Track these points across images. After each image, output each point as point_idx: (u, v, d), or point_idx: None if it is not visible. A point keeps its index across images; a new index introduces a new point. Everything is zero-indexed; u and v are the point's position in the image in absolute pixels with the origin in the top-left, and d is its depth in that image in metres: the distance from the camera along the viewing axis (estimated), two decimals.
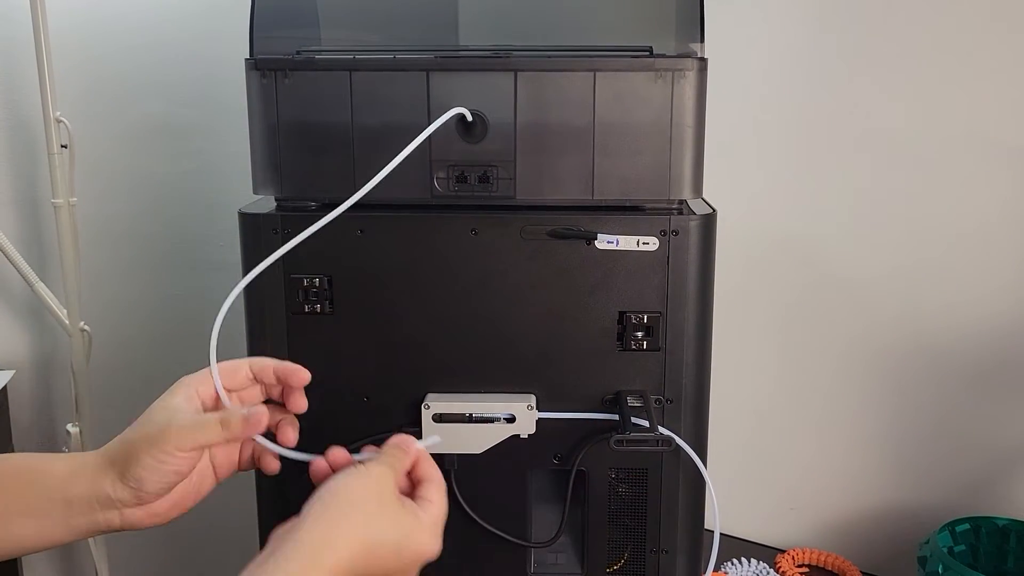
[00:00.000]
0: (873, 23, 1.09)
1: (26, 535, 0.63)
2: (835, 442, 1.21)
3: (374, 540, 0.58)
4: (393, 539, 0.59)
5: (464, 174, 0.76)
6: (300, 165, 0.76)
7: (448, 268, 0.76)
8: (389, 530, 0.59)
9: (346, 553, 0.56)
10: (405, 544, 0.60)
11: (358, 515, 0.59)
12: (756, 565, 1.16)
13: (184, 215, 1.32)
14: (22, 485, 0.64)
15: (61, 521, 0.63)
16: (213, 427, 0.63)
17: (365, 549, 0.58)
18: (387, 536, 0.59)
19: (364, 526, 0.58)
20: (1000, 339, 1.10)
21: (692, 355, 0.78)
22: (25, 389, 1.32)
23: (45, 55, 1.15)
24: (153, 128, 1.29)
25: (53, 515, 0.63)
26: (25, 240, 1.28)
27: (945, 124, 1.09)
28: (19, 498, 0.63)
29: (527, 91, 0.75)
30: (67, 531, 0.63)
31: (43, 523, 0.63)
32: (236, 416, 0.63)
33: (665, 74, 0.74)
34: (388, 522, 0.60)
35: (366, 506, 0.59)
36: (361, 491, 0.60)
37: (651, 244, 0.75)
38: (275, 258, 0.69)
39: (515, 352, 0.77)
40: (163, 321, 1.34)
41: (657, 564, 0.81)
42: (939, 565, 0.96)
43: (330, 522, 0.57)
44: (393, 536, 0.59)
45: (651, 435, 0.73)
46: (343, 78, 0.75)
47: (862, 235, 1.15)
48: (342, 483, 0.60)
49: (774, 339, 1.22)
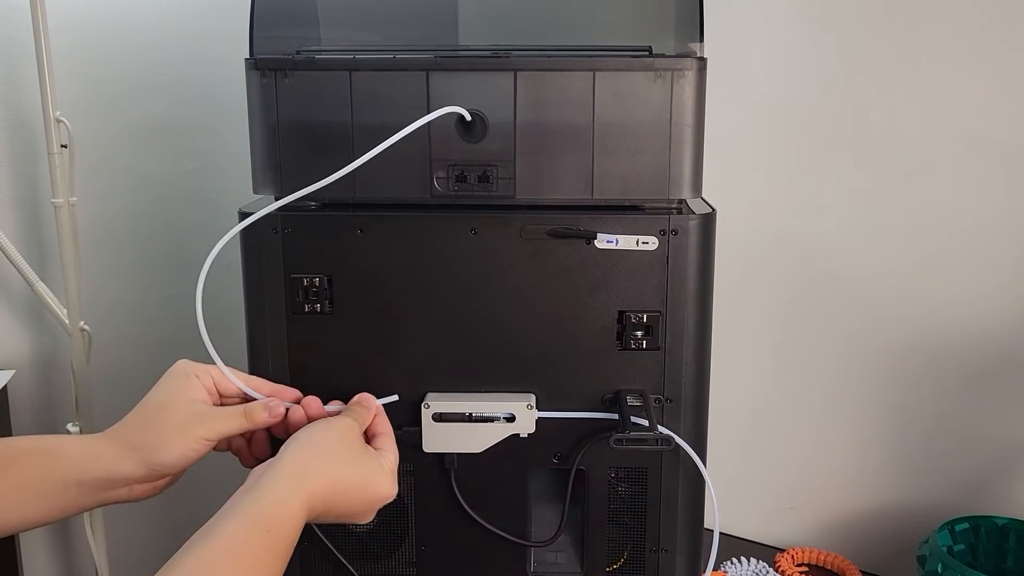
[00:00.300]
0: (872, 23, 1.09)
1: (37, 515, 0.67)
2: (834, 441, 1.21)
3: (343, 477, 0.66)
4: (359, 479, 0.67)
5: (464, 174, 0.76)
6: (300, 165, 0.76)
7: (448, 268, 0.77)
8: (355, 471, 0.68)
9: (319, 484, 0.64)
10: (369, 484, 0.68)
11: (329, 454, 0.67)
12: (756, 564, 1.16)
13: (184, 215, 1.32)
14: (37, 469, 0.67)
15: (72, 501, 0.68)
16: (239, 418, 0.71)
17: (335, 483, 0.66)
18: (354, 476, 0.67)
19: (335, 464, 0.67)
20: (999, 337, 1.10)
21: (692, 354, 0.78)
22: (25, 389, 1.32)
23: (45, 55, 1.15)
24: (153, 128, 1.29)
25: (66, 496, 0.68)
26: (25, 240, 1.28)
27: (943, 122, 1.09)
28: (34, 482, 0.67)
29: (527, 91, 0.75)
30: (76, 509, 0.69)
31: (55, 504, 0.68)
32: (259, 408, 0.72)
33: (664, 74, 0.74)
34: (354, 464, 0.68)
35: (336, 448, 0.68)
36: (332, 436, 0.69)
37: (651, 243, 0.75)
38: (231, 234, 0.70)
39: (515, 351, 0.78)
40: (163, 321, 1.34)
41: (657, 563, 0.81)
42: (938, 564, 0.96)
43: (306, 457, 0.66)
44: (359, 476, 0.68)
45: (651, 434, 0.73)
46: (343, 78, 0.75)
47: (861, 233, 1.15)
48: (316, 429, 0.69)
49: (773, 338, 1.22)
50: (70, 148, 1.18)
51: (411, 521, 0.81)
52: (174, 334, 1.33)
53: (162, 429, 0.69)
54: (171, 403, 0.70)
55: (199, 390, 0.72)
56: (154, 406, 0.71)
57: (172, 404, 0.70)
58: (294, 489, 0.63)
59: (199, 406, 0.71)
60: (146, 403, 0.71)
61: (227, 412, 0.71)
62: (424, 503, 0.81)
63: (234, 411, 0.72)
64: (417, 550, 0.82)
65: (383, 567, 0.82)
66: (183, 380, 0.72)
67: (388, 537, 0.82)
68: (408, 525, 0.81)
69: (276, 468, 0.64)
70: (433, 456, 0.79)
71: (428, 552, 0.82)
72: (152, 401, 0.71)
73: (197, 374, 0.73)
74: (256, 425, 0.72)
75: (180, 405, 0.70)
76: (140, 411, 0.71)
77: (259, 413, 0.72)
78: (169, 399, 0.71)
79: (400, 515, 0.81)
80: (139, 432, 0.69)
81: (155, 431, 0.69)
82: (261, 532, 0.59)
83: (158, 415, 0.70)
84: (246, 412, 0.72)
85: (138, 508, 0.70)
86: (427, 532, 0.81)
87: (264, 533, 0.59)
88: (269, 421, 0.72)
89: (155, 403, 0.71)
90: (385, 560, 0.82)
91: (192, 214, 1.31)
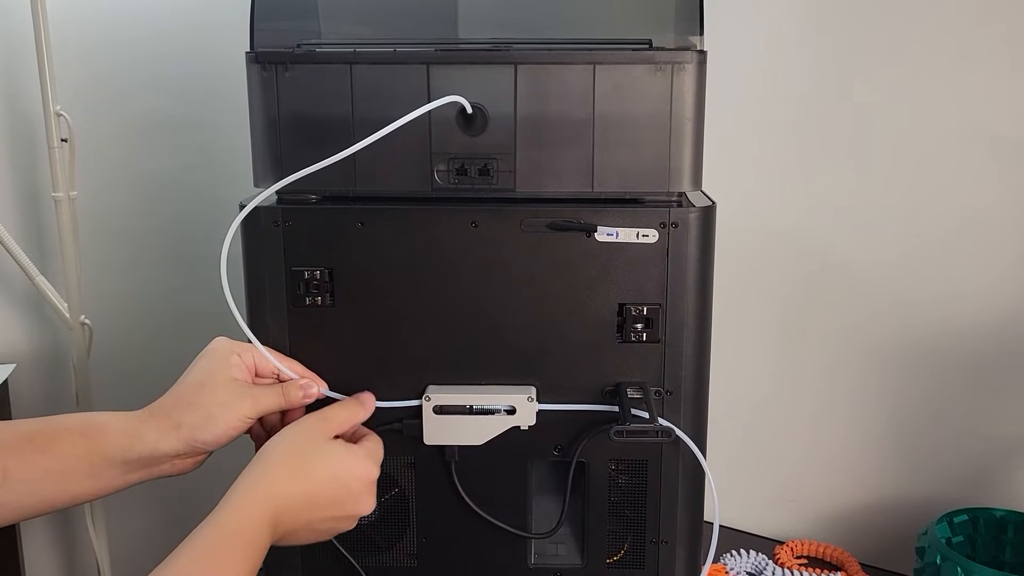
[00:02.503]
0: (870, 17, 1.09)
1: (84, 492, 0.69)
2: (833, 433, 1.21)
3: (306, 464, 0.68)
4: (328, 466, 0.69)
5: (464, 167, 0.76)
6: (301, 158, 0.76)
7: (448, 260, 0.77)
8: (321, 457, 0.69)
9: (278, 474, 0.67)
10: (342, 471, 0.70)
11: (286, 447, 0.69)
12: (755, 556, 1.16)
13: (185, 209, 1.32)
14: (85, 447, 0.68)
15: (120, 477, 0.70)
16: (276, 396, 0.73)
17: (298, 471, 0.67)
18: (320, 462, 0.69)
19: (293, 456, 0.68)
20: (998, 330, 1.10)
21: (691, 347, 0.78)
22: (26, 383, 1.32)
23: (45, 48, 1.15)
24: (154, 122, 1.29)
25: (112, 473, 0.69)
26: (25, 234, 1.28)
27: (942, 117, 1.09)
28: (82, 459, 0.68)
29: (527, 84, 0.75)
30: (123, 485, 0.71)
31: (103, 481, 0.69)
32: (294, 387, 0.74)
33: (665, 67, 0.74)
34: (318, 451, 0.69)
35: (291, 443, 0.69)
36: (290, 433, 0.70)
37: (651, 236, 0.76)
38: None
39: (515, 344, 0.78)
40: (164, 315, 1.34)
41: (657, 555, 0.81)
42: (937, 556, 0.96)
43: (265, 458, 0.68)
44: (327, 463, 0.69)
45: (651, 426, 0.73)
46: (344, 71, 0.75)
47: (859, 227, 1.15)
48: (276, 435, 0.71)
49: (771, 331, 1.22)
50: (70, 142, 1.18)
51: (412, 513, 0.82)
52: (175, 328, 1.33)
53: (205, 407, 0.70)
54: (212, 381, 0.71)
55: (240, 368, 0.73)
56: (196, 384, 0.71)
57: (213, 382, 0.71)
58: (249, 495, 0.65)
59: (240, 384, 0.72)
60: (186, 381, 0.72)
61: (266, 391, 0.73)
62: (425, 495, 0.81)
63: (271, 389, 0.74)
64: (418, 542, 0.82)
65: (384, 558, 0.83)
66: (224, 358, 0.73)
67: (389, 529, 0.82)
68: (409, 517, 0.82)
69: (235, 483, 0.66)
70: (434, 448, 0.79)
71: (429, 544, 0.82)
72: (193, 379, 0.72)
73: (239, 352, 0.74)
74: (290, 404, 0.74)
75: (222, 383, 0.71)
76: (180, 389, 0.72)
77: (294, 392, 0.74)
78: (210, 377, 0.71)
79: (401, 507, 0.82)
80: (182, 410, 0.70)
81: (198, 409, 0.70)
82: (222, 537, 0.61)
83: (200, 393, 0.71)
84: (283, 390, 0.74)
85: (138, 501, 0.71)
86: (428, 524, 0.82)
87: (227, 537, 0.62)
88: (303, 401, 0.75)
89: (197, 381, 0.71)
90: (386, 552, 0.83)
91: (193, 208, 1.31)
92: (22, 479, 0.67)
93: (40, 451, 0.67)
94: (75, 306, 1.23)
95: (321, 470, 0.69)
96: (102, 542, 1.29)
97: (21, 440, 0.67)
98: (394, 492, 0.81)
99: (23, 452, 0.67)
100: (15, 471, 0.66)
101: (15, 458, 0.66)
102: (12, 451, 0.67)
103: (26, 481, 0.67)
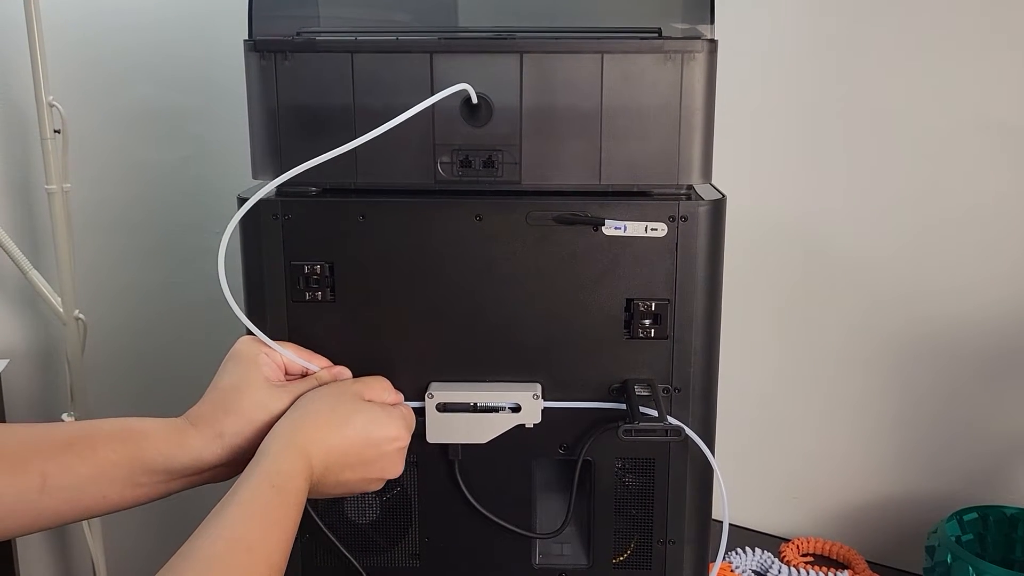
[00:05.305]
0: (881, 6, 1.08)
1: (123, 500, 0.67)
2: (840, 430, 1.20)
3: (342, 417, 0.68)
4: (363, 423, 0.69)
5: (468, 158, 0.75)
6: (300, 149, 0.74)
7: (452, 255, 0.75)
8: (356, 414, 0.69)
9: (316, 423, 0.67)
10: (376, 430, 0.69)
11: (322, 401, 0.69)
12: (761, 554, 1.15)
13: (181, 201, 1.30)
14: (126, 453, 0.66)
15: (161, 485, 0.68)
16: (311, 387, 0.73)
17: (334, 423, 0.68)
18: (355, 418, 0.69)
19: (328, 409, 0.69)
20: (1008, 325, 1.09)
21: (700, 343, 0.76)
22: (20, 378, 1.31)
23: (37, 38, 1.13)
24: (149, 112, 1.27)
25: (153, 481, 0.67)
26: (18, 227, 1.27)
27: (951, 107, 1.07)
28: (123, 467, 0.66)
29: (533, 73, 0.73)
30: (163, 493, 0.69)
31: (143, 489, 0.67)
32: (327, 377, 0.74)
33: (674, 56, 0.73)
34: (354, 408, 0.70)
35: (327, 398, 0.70)
36: (326, 390, 0.71)
37: (659, 230, 0.74)
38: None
39: (520, 340, 0.76)
40: (159, 309, 1.33)
41: (664, 555, 0.80)
42: (947, 554, 0.95)
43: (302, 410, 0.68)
44: (362, 420, 0.69)
45: (660, 425, 0.72)
46: (344, 60, 0.73)
47: (867, 220, 1.13)
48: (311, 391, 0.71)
49: (777, 326, 1.21)
50: (63, 133, 1.16)
51: (414, 512, 0.80)
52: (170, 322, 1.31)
53: (245, 411, 0.69)
54: (246, 384, 0.70)
55: (271, 367, 0.72)
56: (230, 388, 0.70)
57: (247, 384, 0.70)
58: (288, 445, 0.65)
59: (274, 383, 0.71)
60: (219, 386, 0.70)
61: (299, 385, 0.72)
62: (428, 494, 0.80)
63: (304, 383, 0.73)
64: (420, 542, 0.81)
65: (386, 559, 0.81)
66: (253, 359, 0.72)
67: (391, 529, 0.81)
68: (411, 516, 0.80)
69: (270, 434, 0.66)
70: (437, 447, 0.78)
71: (432, 544, 0.81)
72: (226, 383, 0.70)
73: (266, 351, 0.73)
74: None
75: (256, 384, 0.70)
76: (215, 395, 0.70)
77: (327, 379, 0.74)
78: (243, 380, 0.70)
79: (403, 506, 0.80)
80: (221, 417, 0.68)
81: (239, 415, 0.68)
82: (266, 488, 0.61)
83: (237, 397, 0.69)
84: (316, 379, 0.73)
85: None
86: (431, 524, 0.80)
87: (269, 488, 0.61)
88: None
89: (230, 386, 0.70)
90: (388, 552, 0.81)
91: (189, 201, 1.29)
92: (61, 485, 0.64)
93: (80, 457, 0.65)
94: (69, 300, 1.21)
95: (356, 425, 0.69)
96: (98, 546, 1.27)
97: (60, 446, 0.65)
98: (396, 491, 0.80)
99: (63, 458, 0.64)
100: (54, 477, 0.64)
101: (54, 464, 0.64)
102: (51, 456, 0.64)
103: (65, 487, 0.64)
